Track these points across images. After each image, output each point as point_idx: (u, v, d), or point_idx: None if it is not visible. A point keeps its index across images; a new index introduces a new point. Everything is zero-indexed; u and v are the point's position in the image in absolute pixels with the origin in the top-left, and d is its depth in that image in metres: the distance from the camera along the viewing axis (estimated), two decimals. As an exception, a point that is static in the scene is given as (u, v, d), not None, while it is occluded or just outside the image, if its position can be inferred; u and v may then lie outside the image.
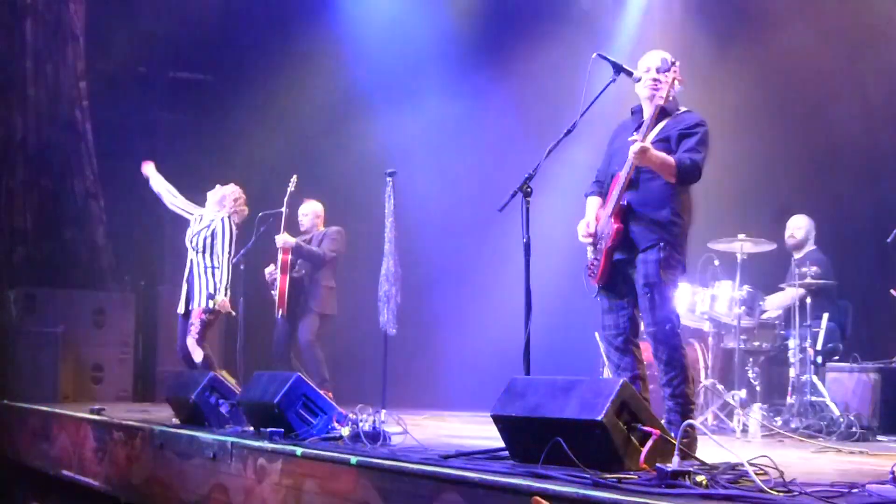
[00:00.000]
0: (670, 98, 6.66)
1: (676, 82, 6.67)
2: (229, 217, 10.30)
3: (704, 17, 12.69)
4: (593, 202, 7.04)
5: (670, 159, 6.53)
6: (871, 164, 11.89)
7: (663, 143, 6.68)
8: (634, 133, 6.78)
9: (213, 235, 10.15)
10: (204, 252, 10.10)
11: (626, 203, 6.66)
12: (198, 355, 9.84)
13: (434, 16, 14.30)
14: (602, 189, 7.02)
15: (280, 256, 11.24)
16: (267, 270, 11.42)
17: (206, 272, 10.07)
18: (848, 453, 7.51)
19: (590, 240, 6.90)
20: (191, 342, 9.90)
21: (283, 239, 11.23)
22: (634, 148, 6.43)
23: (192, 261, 10.16)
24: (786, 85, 12.13)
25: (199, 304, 9.99)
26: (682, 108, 6.88)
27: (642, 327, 6.84)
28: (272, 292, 11.35)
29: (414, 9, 14.41)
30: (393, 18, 14.37)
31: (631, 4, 13.85)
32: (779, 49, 12.06)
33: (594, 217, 6.93)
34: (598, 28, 13.95)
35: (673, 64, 6.67)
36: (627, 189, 6.67)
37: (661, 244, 6.57)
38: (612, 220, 6.67)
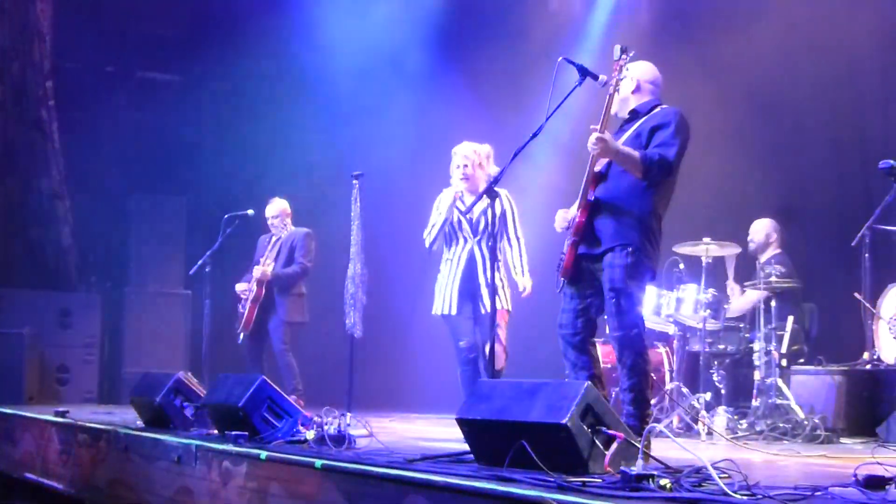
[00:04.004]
0: (618, 87, 6.67)
1: (625, 70, 6.68)
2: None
3: (672, 19, 12.74)
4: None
5: (634, 153, 6.50)
6: (837, 167, 11.95)
7: (636, 139, 6.66)
8: (618, 134, 6.78)
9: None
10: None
11: (593, 197, 6.65)
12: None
13: (401, 16, 14.30)
14: None
15: (255, 288, 11.17)
16: (238, 288, 11.36)
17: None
18: (812, 456, 7.54)
19: (565, 224, 6.87)
20: (499, 348, 8.45)
21: (260, 270, 11.20)
22: (592, 139, 6.42)
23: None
24: (752, 86, 12.18)
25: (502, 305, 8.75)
26: (663, 105, 6.86)
27: (608, 330, 6.84)
28: (240, 307, 11.30)
29: (380, 9, 14.40)
30: (359, 19, 14.36)
31: (599, 5, 13.88)
32: (744, 51, 12.10)
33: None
34: (566, 29, 13.97)
35: (624, 52, 6.67)
36: (598, 182, 6.66)
37: (630, 249, 6.54)
38: (579, 214, 6.65)
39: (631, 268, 6.52)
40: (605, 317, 6.70)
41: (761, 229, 10.81)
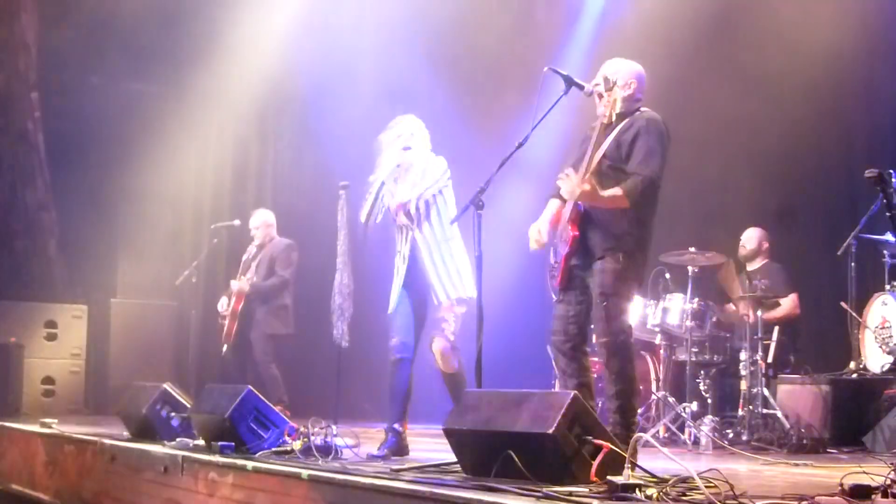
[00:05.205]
0: (612, 118, 6.69)
1: (616, 101, 6.69)
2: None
3: (657, 30, 12.74)
4: (553, 205, 6.93)
5: (617, 193, 6.49)
6: (823, 175, 11.97)
7: (616, 150, 6.66)
8: (601, 136, 6.78)
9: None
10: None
11: (583, 209, 6.65)
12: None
13: (387, 27, 14.30)
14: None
15: (233, 302, 11.17)
16: (220, 304, 11.37)
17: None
18: (798, 466, 7.54)
19: (538, 247, 6.86)
20: (444, 345, 7.79)
21: (238, 285, 11.19)
22: (568, 185, 6.46)
23: None
24: (737, 95, 12.18)
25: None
26: (643, 110, 6.84)
27: (594, 339, 6.84)
28: (221, 321, 11.30)
29: (365, 23, 14.40)
30: (345, 28, 14.36)
31: (585, 15, 13.89)
32: (729, 60, 12.13)
33: (547, 223, 6.89)
34: (553, 39, 13.98)
35: (614, 84, 6.67)
36: None
37: (620, 256, 6.55)
38: (570, 227, 6.65)
39: (621, 273, 6.52)
40: (592, 324, 6.69)
41: (754, 237, 10.83)
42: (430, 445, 8.31)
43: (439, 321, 7.74)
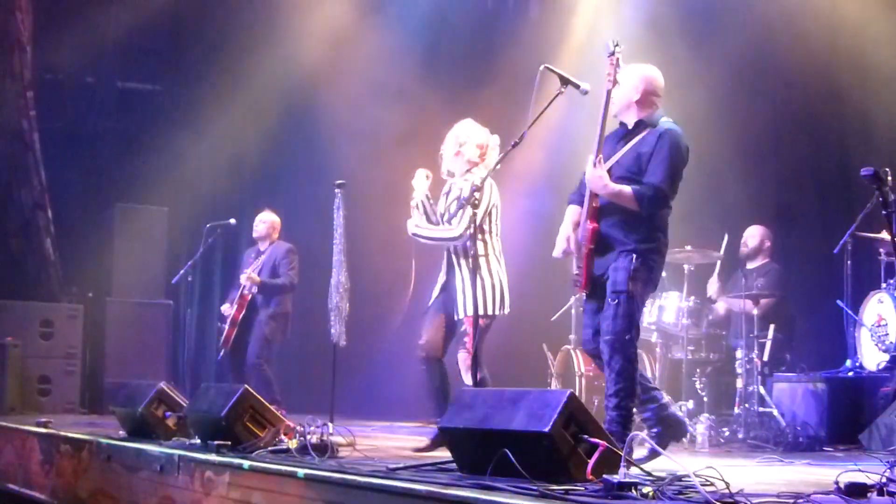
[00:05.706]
0: (618, 80, 6.69)
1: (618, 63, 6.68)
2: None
3: (653, 28, 12.73)
4: (573, 211, 6.96)
5: (627, 192, 6.52)
6: (818, 174, 11.97)
7: (636, 161, 6.66)
8: (620, 143, 6.79)
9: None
10: None
11: (600, 206, 6.66)
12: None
13: (382, 26, 14.30)
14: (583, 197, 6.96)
15: (234, 311, 11.14)
16: (223, 309, 11.37)
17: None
18: (794, 464, 7.54)
19: (561, 255, 6.89)
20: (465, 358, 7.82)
21: (247, 277, 11.17)
22: (593, 175, 6.46)
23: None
24: (732, 94, 12.19)
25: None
26: (664, 121, 6.84)
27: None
28: (222, 325, 11.29)
29: (361, 19, 14.39)
30: (341, 28, 14.35)
31: (580, 13, 13.89)
32: (723, 59, 12.12)
33: (572, 229, 6.89)
34: (549, 37, 13.97)
35: (616, 46, 6.68)
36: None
37: (633, 256, 6.55)
38: (588, 222, 6.65)
39: (634, 272, 6.52)
40: (600, 320, 6.67)
41: (756, 235, 10.81)
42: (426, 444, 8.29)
43: (462, 335, 7.80)
